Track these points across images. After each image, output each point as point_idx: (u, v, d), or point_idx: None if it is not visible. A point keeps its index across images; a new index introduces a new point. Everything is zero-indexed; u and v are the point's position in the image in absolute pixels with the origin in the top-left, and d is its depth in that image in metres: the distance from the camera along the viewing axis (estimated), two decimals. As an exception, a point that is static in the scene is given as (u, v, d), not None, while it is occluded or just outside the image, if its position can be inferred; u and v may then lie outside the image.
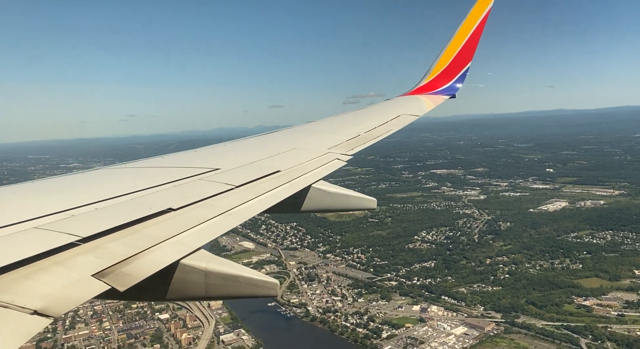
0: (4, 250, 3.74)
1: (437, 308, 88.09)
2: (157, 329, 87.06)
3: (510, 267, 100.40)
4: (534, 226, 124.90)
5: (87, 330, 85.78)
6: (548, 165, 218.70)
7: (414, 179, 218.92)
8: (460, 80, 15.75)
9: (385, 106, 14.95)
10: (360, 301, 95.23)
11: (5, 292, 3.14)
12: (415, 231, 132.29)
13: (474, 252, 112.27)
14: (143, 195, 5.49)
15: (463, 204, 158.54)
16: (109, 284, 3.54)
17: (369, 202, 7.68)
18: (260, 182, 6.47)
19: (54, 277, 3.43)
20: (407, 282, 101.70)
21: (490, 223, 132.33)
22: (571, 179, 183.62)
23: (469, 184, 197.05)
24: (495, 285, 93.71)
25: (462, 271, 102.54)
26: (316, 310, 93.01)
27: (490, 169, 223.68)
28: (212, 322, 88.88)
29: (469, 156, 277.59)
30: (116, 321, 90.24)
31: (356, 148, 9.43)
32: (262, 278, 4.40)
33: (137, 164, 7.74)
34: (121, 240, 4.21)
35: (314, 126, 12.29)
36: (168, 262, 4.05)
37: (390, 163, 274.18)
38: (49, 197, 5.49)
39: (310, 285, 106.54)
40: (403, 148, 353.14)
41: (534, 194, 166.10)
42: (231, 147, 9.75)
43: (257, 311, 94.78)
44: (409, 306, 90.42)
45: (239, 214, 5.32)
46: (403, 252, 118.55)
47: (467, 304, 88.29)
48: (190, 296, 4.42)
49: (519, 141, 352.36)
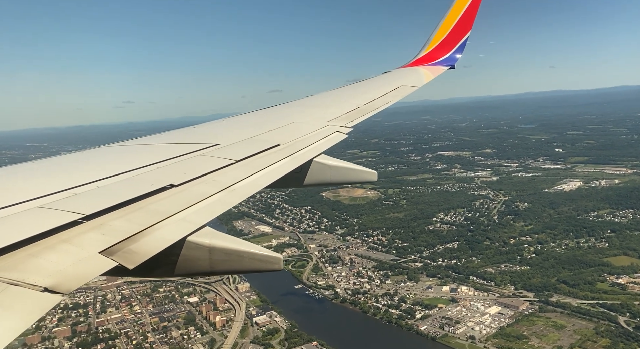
0: (10, 229, 3.75)
1: (467, 288, 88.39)
2: (188, 312, 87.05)
3: (536, 247, 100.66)
4: (552, 206, 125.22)
5: (119, 314, 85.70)
6: (557, 145, 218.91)
7: (421, 162, 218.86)
8: (459, 51, 15.46)
9: (384, 78, 14.65)
10: (387, 282, 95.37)
11: (15, 270, 3.15)
12: (433, 213, 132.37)
13: (496, 232, 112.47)
14: (144, 172, 5.52)
15: (477, 186, 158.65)
16: (117, 262, 3.57)
17: (370, 174, 7.74)
18: (261, 157, 6.50)
19: (62, 255, 3.45)
20: (432, 263, 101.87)
21: (508, 204, 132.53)
22: (582, 159, 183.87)
23: (478, 165, 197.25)
24: (522, 265, 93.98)
25: (487, 252, 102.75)
26: (345, 292, 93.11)
27: (498, 151, 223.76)
28: (242, 304, 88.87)
29: (474, 138, 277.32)
30: (146, 304, 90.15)
31: (355, 120, 9.38)
32: (265, 252, 4.45)
33: (137, 141, 7.70)
34: (126, 217, 4.22)
35: (312, 100, 12.13)
36: (175, 239, 4.08)
37: (395, 146, 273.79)
38: (50, 177, 5.51)
39: (334, 267, 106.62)
40: (406, 131, 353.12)
41: (547, 174, 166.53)
42: (230, 123, 9.60)
43: (287, 294, 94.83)
44: (438, 287, 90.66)
45: (242, 190, 5.35)
46: (424, 234, 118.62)
47: (497, 283, 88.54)
48: (195, 272, 4.47)
49: (521, 122, 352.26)
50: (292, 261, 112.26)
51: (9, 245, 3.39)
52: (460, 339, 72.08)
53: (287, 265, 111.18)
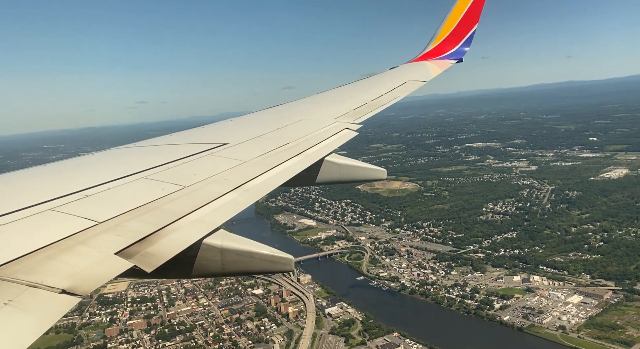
0: (26, 234, 3.76)
1: (539, 278, 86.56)
2: (256, 303, 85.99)
3: (602, 235, 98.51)
4: (604, 194, 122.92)
5: (187, 307, 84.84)
6: (589, 134, 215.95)
7: (451, 154, 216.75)
8: (467, 44, 15.29)
9: (391, 73, 14.50)
10: (453, 273, 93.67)
11: (34, 272, 3.17)
12: (480, 203, 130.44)
13: (553, 221, 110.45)
14: (153, 173, 5.49)
15: (517, 175, 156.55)
16: (136, 266, 3.58)
17: (379, 173, 7.71)
18: (271, 155, 6.49)
19: (78, 256, 3.46)
20: (494, 254, 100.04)
21: (557, 193, 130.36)
22: (620, 147, 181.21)
23: (512, 155, 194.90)
24: (592, 253, 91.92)
25: (550, 241, 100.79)
26: (411, 283, 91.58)
27: (529, 141, 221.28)
28: (310, 296, 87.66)
29: (499, 129, 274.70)
30: (212, 297, 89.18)
31: (363, 116, 9.32)
32: (276, 253, 4.42)
33: (145, 143, 7.71)
34: (140, 218, 4.22)
35: (320, 97, 12.13)
36: (192, 241, 4.04)
37: (419, 139, 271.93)
38: (62, 180, 5.53)
39: (392, 259, 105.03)
40: (425, 124, 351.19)
41: (587, 162, 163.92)
42: (238, 122, 9.62)
43: (352, 286, 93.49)
44: (508, 277, 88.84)
45: (255, 189, 5.31)
46: (477, 225, 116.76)
47: (570, 273, 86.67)
48: (207, 273, 4.46)
49: (542, 113, 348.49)
50: (345, 254, 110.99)
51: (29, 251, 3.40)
52: (549, 330, 70.37)
53: (342, 257, 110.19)
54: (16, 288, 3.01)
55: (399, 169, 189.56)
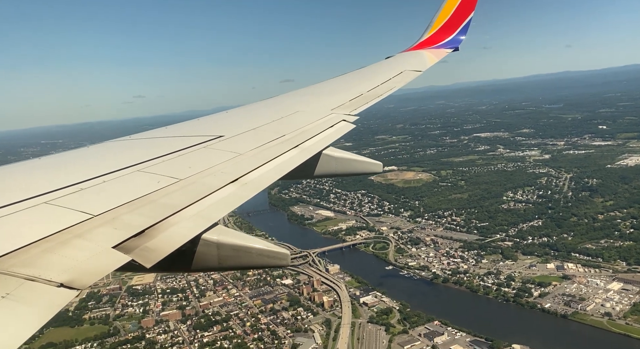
0: (21, 227, 3.70)
1: (573, 265, 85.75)
2: (288, 293, 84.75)
3: (632, 221, 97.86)
4: (624, 181, 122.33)
5: (219, 298, 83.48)
6: (598, 122, 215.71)
7: (460, 144, 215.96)
8: (463, 33, 15.11)
9: (387, 63, 14.25)
10: (484, 262, 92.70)
11: (31, 266, 3.14)
12: (500, 192, 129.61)
13: (578, 209, 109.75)
14: (148, 166, 5.37)
15: (532, 164, 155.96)
16: (135, 261, 3.51)
17: (375, 166, 7.64)
18: (267, 148, 6.40)
19: (76, 250, 3.41)
20: (522, 242, 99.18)
21: (576, 180, 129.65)
22: (632, 135, 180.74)
23: (522, 145, 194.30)
24: (624, 240, 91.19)
25: (578, 228, 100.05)
26: (443, 272, 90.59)
27: (537, 130, 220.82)
28: (342, 286, 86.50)
29: (504, 119, 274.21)
30: (241, 287, 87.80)
31: (359, 108, 9.21)
32: (272, 248, 4.41)
33: (140, 135, 7.54)
34: (137, 211, 4.14)
35: (316, 88, 12.01)
36: (191, 236, 3.98)
37: (424, 130, 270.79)
38: (56, 173, 5.40)
39: (418, 248, 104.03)
40: (427, 115, 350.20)
41: (601, 150, 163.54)
42: (233, 114, 9.57)
43: (383, 276, 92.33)
44: (541, 265, 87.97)
45: (254, 183, 5.19)
46: (500, 213, 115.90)
47: (605, 259, 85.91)
48: (204, 268, 4.39)
49: (544, 102, 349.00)
50: (370, 244, 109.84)
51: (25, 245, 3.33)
52: (594, 317, 69.60)
53: (366, 247, 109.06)
54: (14, 281, 2.93)
55: (409, 159, 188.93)
